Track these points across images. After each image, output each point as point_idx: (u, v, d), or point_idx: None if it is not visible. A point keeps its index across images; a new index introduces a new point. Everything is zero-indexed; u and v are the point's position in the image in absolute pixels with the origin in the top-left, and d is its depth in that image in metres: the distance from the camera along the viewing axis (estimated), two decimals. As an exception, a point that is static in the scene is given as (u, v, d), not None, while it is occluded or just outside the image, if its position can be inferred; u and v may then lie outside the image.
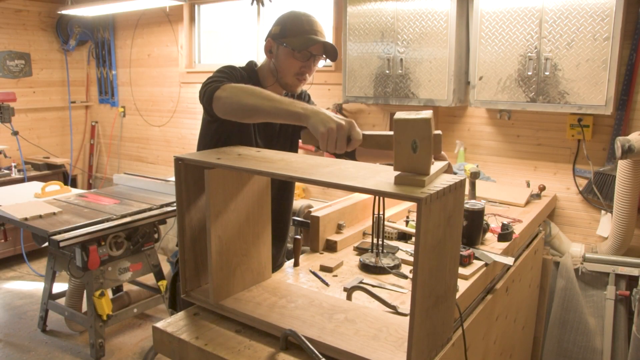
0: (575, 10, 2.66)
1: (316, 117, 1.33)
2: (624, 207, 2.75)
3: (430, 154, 1.20)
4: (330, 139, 1.30)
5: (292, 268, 1.87)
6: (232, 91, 1.52)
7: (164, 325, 1.45)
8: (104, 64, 5.77)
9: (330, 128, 1.29)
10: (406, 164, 1.22)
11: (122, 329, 3.66)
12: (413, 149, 1.21)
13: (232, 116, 1.55)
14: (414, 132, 1.20)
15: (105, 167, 6.02)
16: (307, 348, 1.24)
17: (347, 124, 1.31)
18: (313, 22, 1.77)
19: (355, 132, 1.33)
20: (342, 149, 1.31)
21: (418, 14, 3.13)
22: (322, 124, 1.31)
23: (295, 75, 1.79)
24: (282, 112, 1.41)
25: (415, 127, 1.20)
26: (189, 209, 1.55)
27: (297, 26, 1.75)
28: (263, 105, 1.45)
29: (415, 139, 1.20)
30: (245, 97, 1.49)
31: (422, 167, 1.20)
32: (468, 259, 1.81)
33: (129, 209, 3.35)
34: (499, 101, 2.97)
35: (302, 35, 1.74)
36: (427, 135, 1.18)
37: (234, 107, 1.51)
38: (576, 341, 2.96)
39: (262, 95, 1.47)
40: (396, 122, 1.22)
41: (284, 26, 1.78)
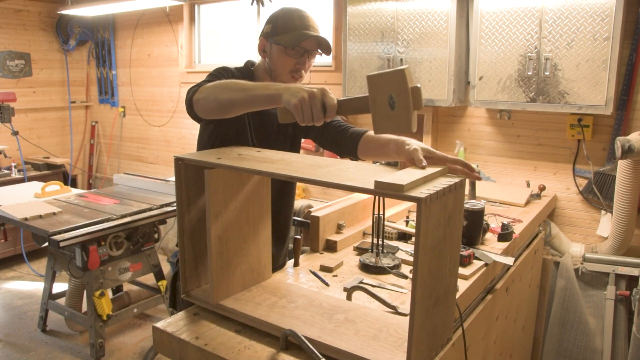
0: (575, 10, 2.66)
1: (287, 91, 1.30)
2: (624, 207, 2.75)
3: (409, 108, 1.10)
4: (305, 109, 1.26)
5: (292, 268, 1.87)
6: (208, 91, 1.51)
7: (164, 325, 1.45)
8: (104, 64, 5.77)
9: (302, 98, 1.26)
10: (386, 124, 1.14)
11: (122, 329, 3.66)
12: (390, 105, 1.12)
13: (213, 114, 1.54)
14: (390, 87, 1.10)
15: (105, 167, 6.02)
16: (307, 348, 1.24)
17: (319, 91, 1.27)
18: (304, 17, 1.73)
19: (328, 99, 1.27)
20: (320, 118, 1.27)
21: (418, 14, 3.13)
22: (293, 96, 1.27)
23: (290, 72, 1.76)
24: (257, 98, 1.40)
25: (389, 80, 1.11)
26: (189, 209, 1.55)
27: (288, 23, 1.72)
28: (238, 96, 1.43)
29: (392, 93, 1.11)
30: (220, 93, 1.47)
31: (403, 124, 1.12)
32: (468, 259, 1.81)
33: (129, 209, 3.35)
34: (499, 101, 2.97)
35: (293, 32, 1.70)
36: (403, 89, 1.09)
37: (212, 105, 1.50)
38: (576, 341, 2.96)
39: (236, 87, 1.45)
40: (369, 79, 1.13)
41: (275, 24, 1.76)
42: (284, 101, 1.31)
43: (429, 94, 3.19)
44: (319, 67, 4.10)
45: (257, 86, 1.42)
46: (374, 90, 1.15)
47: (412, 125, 1.13)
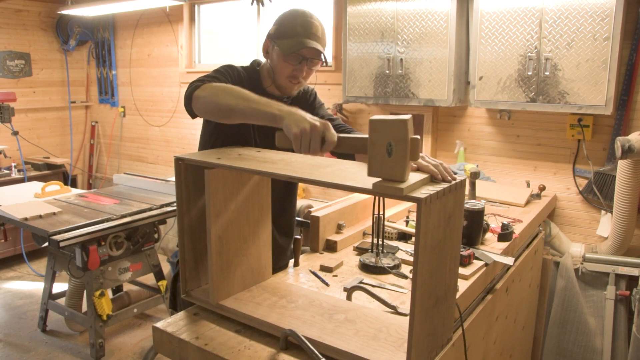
0: (575, 10, 2.66)
1: (290, 117, 1.30)
2: (624, 207, 2.75)
3: (406, 158, 1.13)
4: (304, 139, 1.26)
5: (292, 268, 1.87)
6: (211, 91, 1.50)
7: (164, 325, 1.45)
8: (104, 64, 5.77)
9: (303, 129, 1.26)
10: (380, 169, 1.16)
11: (122, 329, 3.66)
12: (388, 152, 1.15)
13: (210, 116, 1.54)
14: (390, 134, 1.14)
15: (105, 167, 6.02)
16: (307, 348, 1.24)
17: (322, 125, 1.27)
18: (308, 25, 1.71)
19: (329, 134, 1.28)
20: (316, 151, 1.28)
21: (418, 14, 3.13)
22: (295, 125, 1.27)
23: (288, 77, 1.75)
24: (258, 112, 1.39)
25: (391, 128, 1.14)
26: (189, 209, 1.55)
27: (290, 28, 1.71)
28: (239, 105, 1.42)
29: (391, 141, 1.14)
30: (223, 97, 1.47)
31: (397, 172, 1.14)
32: (468, 259, 1.81)
33: (129, 209, 3.35)
34: (499, 101, 2.97)
35: (292, 38, 1.69)
36: (403, 138, 1.12)
37: (211, 107, 1.50)
38: (576, 341, 2.96)
39: (240, 95, 1.44)
40: (371, 123, 1.17)
41: (279, 27, 1.75)
42: (284, 126, 1.30)
43: (429, 94, 3.19)
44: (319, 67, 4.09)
45: (260, 101, 1.40)
46: (374, 134, 1.17)
47: (405, 174, 1.15)
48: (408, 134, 1.13)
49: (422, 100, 3.22)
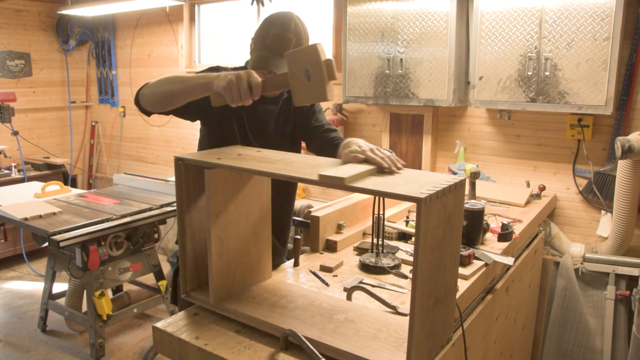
0: (575, 10, 2.66)
1: (217, 78, 1.43)
2: (624, 207, 2.75)
3: (324, 78, 1.25)
4: (233, 89, 1.38)
5: (292, 268, 1.87)
6: (151, 85, 1.63)
7: (164, 325, 1.45)
8: (104, 64, 5.77)
9: (229, 80, 1.38)
10: (305, 95, 1.29)
11: (122, 329, 3.66)
12: (307, 77, 1.27)
13: (158, 107, 1.64)
14: (305, 61, 1.26)
15: (105, 167, 6.02)
16: (307, 348, 1.24)
17: (245, 72, 1.39)
18: (279, 39, 1.70)
19: (253, 78, 1.39)
20: (247, 97, 1.39)
21: (418, 14, 3.13)
22: (222, 80, 1.40)
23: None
24: (193, 87, 1.51)
25: (304, 55, 1.27)
26: (189, 209, 1.55)
27: (263, 38, 1.73)
28: (177, 88, 1.56)
29: (307, 66, 1.26)
30: (162, 86, 1.59)
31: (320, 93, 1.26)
32: (468, 259, 1.81)
33: (129, 209, 3.35)
34: (499, 101, 2.97)
35: (262, 51, 1.71)
36: (317, 60, 1.24)
37: (156, 98, 1.62)
38: (576, 341, 2.96)
39: (176, 80, 1.57)
40: (287, 56, 1.31)
41: (257, 33, 1.77)
42: (214, 86, 1.43)
43: (429, 94, 3.19)
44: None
45: (194, 77, 1.53)
46: (292, 65, 1.30)
47: (326, 94, 1.27)
48: (320, 57, 1.25)
49: (422, 100, 3.22)
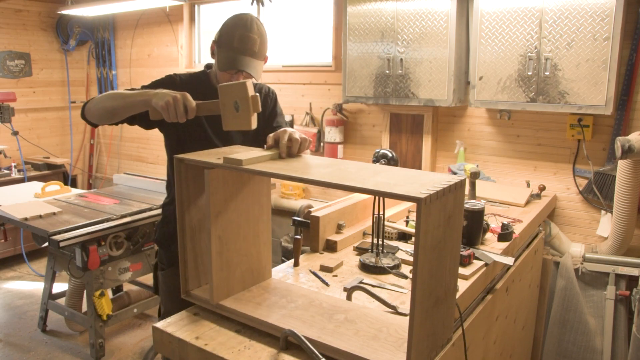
0: (575, 10, 2.66)
1: (156, 96, 1.58)
2: (624, 207, 2.75)
3: (249, 111, 1.49)
4: (170, 109, 1.54)
5: (292, 268, 1.87)
6: (95, 101, 1.77)
7: (164, 325, 1.45)
8: (104, 64, 5.76)
9: (167, 101, 1.54)
10: (232, 122, 1.53)
11: (122, 329, 3.65)
12: (236, 108, 1.51)
13: (102, 120, 1.79)
14: (235, 94, 1.50)
15: (105, 167, 6.02)
16: (307, 348, 1.24)
17: (181, 95, 1.55)
18: (245, 40, 1.79)
19: (189, 102, 1.56)
20: (182, 117, 1.55)
21: (418, 14, 3.13)
22: (161, 100, 1.55)
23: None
24: (135, 103, 1.66)
25: (235, 90, 1.50)
26: (189, 209, 1.55)
27: (229, 40, 1.81)
28: (118, 104, 1.70)
29: (236, 99, 1.50)
30: (105, 102, 1.74)
31: (245, 122, 1.51)
32: (468, 259, 1.81)
33: (129, 209, 3.35)
34: (499, 101, 2.97)
35: (229, 52, 1.80)
36: (245, 96, 1.48)
37: (99, 113, 1.76)
38: (576, 341, 2.96)
39: (119, 96, 1.71)
40: (220, 88, 1.53)
41: (220, 34, 1.86)
42: (153, 103, 1.58)
43: (429, 94, 3.19)
44: (319, 68, 4.10)
45: (134, 94, 1.67)
46: (224, 96, 1.53)
47: (251, 123, 1.52)
48: (248, 93, 1.48)
49: (422, 100, 3.22)
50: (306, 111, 4.17)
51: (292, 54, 4.35)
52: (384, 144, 3.72)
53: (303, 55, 4.29)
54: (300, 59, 4.29)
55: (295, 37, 4.35)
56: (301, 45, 4.32)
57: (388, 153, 2.22)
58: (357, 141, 3.99)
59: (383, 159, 2.21)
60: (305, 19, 4.28)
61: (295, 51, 4.34)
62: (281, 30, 4.40)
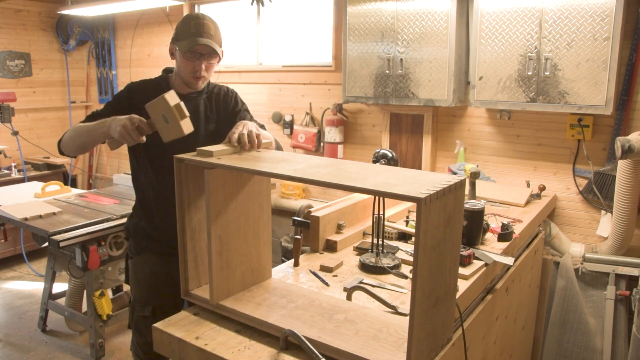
0: (575, 10, 2.66)
1: (113, 123, 1.68)
2: (624, 207, 2.75)
3: (177, 119, 1.59)
4: (126, 133, 1.63)
5: (292, 268, 1.87)
6: (65, 138, 1.91)
7: (164, 325, 1.45)
8: (104, 64, 5.76)
9: (123, 125, 1.64)
10: (167, 133, 1.63)
11: (122, 329, 3.65)
12: (165, 120, 1.61)
13: (77, 153, 1.97)
14: (160, 109, 1.60)
15: (105, 167, 6.02)
16: (307, 348, 1.24)
17: (131, 119, 1.64)
18: (200, 25, 1.90)
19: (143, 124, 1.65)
20: (137, 137, 1.64)
21: (418, 14, 3.13)
22: (117, 126, 1.65)
23: (191, 73, 1.93)
24: (97, 135, 1.78)
25: (158, 106, 1.61)
26: (189, 209, 1.55)
27: (185, 30, 1.91)
28: (85, 140, 1.84)
29: (163, 113, 1.60)
30: (73, 139, 1.88)
31: (177, 130, 1.61)
32: (468, 259, 1.81)
33: (129, 209, 3.34)
34: (499, 101, 2.97)
35: (188, 38, 1.88)
36: (168, 107, 1.58)
37: (72, 148, 1.91)
38: (576, 341, 2.96)
39: (82, 132, 1.84)
40: (147, 107, 1.64)
41: (177, 30, 1.96)
42: (112, 132, 1.68)
43: (429, 94, 3.19)
44: (319, 68, 4.10)
45: (96, 126, 1.77)
46: (153, 113, 1.63)
47: (182, 130, 1.61)
48: (170, 104, 1.58)
49: (422, 100, 3.22)
50: (306, 111, 4.17)
51: (292, 54, 4.35)
52: (384, 144, 3.72)
53: (303, 55, 4.29)
54: (300, 59, 4.28)
55: (295, 37, 4.35)
56: (301, 45, 4.32)
57: (388, 153, 2.22)
58: (357, 141, 3.99)
59: (383, 159, 2.21)
60: (305, 19, 4.28)
61: (295, 51, 4.34)
62: (281, 30, 4.40)
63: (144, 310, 1.99)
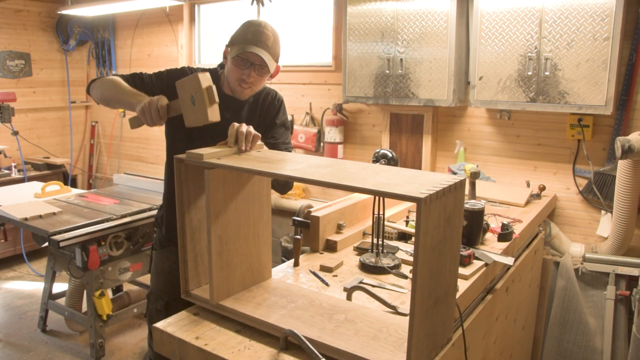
0: (575, 10, 2.66)
1: (139, 102, 1.64)
2: (624, 207, 2.75)
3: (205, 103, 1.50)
4: (146, 112, 1.59)
5: (292, 268, 1.87)
6: (100, 83, 1.86)
7: (164, 325, 1.45)
8: (104, 64, 5.76)
9: (144, 104, 1.60)
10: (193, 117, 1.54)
11: (122, 329, 3.65)
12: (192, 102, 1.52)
13: (100, 102, 1.88)
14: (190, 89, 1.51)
15: (105, 167, 6.02)
16: (307, 348, 1.24)
17: (156, 98, 1.60)
18: (258, 33, 1.83)
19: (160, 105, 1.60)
20: (158, 119, 1.60)
21: (418, 14, 3.13)
22: (139, 104, 1.62)
23: (238, 81, 1.87)
24: (124, 102, 1.74)
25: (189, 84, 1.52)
26: (189, 209, 1.55)
27: (242, 35, 1.85)
28: (115, 96, 1.78)
29: (192, 93, 1.51)
30: (104, 89, 1.83)
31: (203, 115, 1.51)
32: (468, 259, 1.81)
33: (129, 209, 3.35)
34: (499, 101, 2.97)
35: (241, 45, 1.83)
36: (198, 88, 1.49)
37: (99, 95, 1.85)
38: (576, 341, 2.96)
39: (116, 88, 1.79)
40: (177, 85, 1.56)
41: (234, 34, 1.90)
42: (135, 110, 1.64)
43: (429, 94, 3.19)
44: (319, 67, 4.10)
45: (129, 93, 1.75)
46: (181, 92, 1.55)
47: (208, 116, 1.51)
48: (200, 84, 1.49)
49: (422, 100, 3.22)
50: (306, 111, 4.17)
51: (292, 54, 4.35)
52: (384, 144, 3.72)
53: (303, 55, 4.29)
54: (300, 59, 4.28)
55: (295, 37, 4.35)
56: (301, 45, 4.32)
57: (388, 153, 2.22)
58: (357, 141, 3.99)
59: (383, 159, 2.21)
60: (305, 19, 4.28)
61: (295, 51, 4.34)
62: (281, 30, 4.40)
63: (157, 304, 2.01)
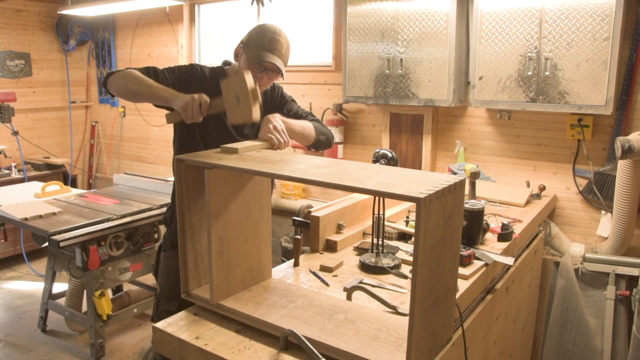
0: (575, 10, 2.66)
1: (176, 98, 1.67)
2: (624, 207, 2.75)
3: (249, 101, 1.56)
4: (188, 109, 1.62)
5: (292, 268, 1.87)
6: (122, 76, 1.82)
7: (164, 325, 1.45)
8: (104, 64, 5.76)
9: (186, 101, 1.62)
10: (236, 115, 1.61)
11: (122, 329, 3.66)
12: (237, 100, 1.58)
13: (121, 96, 1.86)
14: (235, 87, 1.57)
15: (105, 167, 6.02)
16: (307, 348, 1.24)
17: (198, 96, 1.63)
18: (274, 40, 1.92)
19: (204, 99, 1.64)
20: (199, 115, 1.63)
21: (418, 14, 3.13)
22: (180, 100, 1.64)
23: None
24: (155, 95, 1.73)
25: (235, 83, 1.58)
26: (189, 209, 1.55)
27: (259, 40, 1.92)
28: (143, 91, 1.76)
29: (237, 92, 1.57)
30: (129, 83, 1.80)
31: (247, 113, 1.58)
32: (468, 259, 1.81)
33: (129, 209, 3.35)
34: (499, 101, 2.97)
35: (258, 50, 1.90)
36: (244, 87, 1.55)
37: (121, 89, 1.83)
38: (576, 341, 2.96)
39: (143, 82, 1.77)
40: (222, 83, 1.62)
41: (250, 36, 1.96)
42: (174, 105, 1.66)
43: (429, 94, 3.19)
44: (319, 67, 4.10)
45: (158, 87, 1.75)
46: (226, 90, 1.61)
47: (252, 114, 1.59)
48: (246, 84, 1.56)
49: (422, 100, 3.22)
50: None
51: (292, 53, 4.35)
52: (384, 144, 3.72)
53: (303, 55, 4.28)
54: (300, 59, 4.28)
55: (295, 37, 4.34)
56: (301, 45, 4.32)
57: (388, 153, 2.22)
58: (357, 141, 3.99)
59: (383, 159, 2.21)
60: (305, 19, 4.28)
61: (295, 51, 4.32)
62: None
63: (170, 305, 2.00)
